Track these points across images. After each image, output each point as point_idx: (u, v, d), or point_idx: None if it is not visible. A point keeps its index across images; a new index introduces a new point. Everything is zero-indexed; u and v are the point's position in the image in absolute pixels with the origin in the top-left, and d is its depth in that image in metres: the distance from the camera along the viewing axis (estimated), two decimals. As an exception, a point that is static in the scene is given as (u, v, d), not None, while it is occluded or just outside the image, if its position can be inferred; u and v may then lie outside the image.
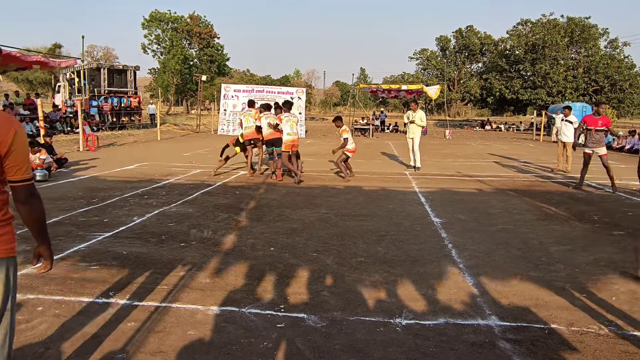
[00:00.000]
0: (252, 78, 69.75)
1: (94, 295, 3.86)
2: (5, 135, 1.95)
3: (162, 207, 7.15)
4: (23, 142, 2.02)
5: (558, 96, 38.83)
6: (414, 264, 4.80)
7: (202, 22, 54.18)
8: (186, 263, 4.69)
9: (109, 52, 66.67)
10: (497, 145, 22.58)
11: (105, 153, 14.89)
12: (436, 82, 43.92)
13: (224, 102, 25.02)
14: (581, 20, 40.06)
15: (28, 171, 2.07)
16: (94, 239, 5.46)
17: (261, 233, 5.82)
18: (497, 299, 3.92)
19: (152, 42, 52.81)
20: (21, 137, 2.02)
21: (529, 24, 42.86)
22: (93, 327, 3.31)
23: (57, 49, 53.04)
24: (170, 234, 5.72)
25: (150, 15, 51.70)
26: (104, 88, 25.55)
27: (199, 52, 54.07)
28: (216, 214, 6.80)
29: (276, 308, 3.67)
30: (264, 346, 3.10)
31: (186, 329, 3.32)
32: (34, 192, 2.11)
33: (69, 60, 18.90)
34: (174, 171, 10.90)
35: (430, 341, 3.19)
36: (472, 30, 50.02)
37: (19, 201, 2.09)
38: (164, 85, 51.43)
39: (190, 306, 3.70)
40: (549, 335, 3.30)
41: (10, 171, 2.01)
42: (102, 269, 4.48)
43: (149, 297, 3.84)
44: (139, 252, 4.99)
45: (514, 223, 6.57)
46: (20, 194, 2.07)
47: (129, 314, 3.53)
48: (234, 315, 3.55)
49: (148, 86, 68.51)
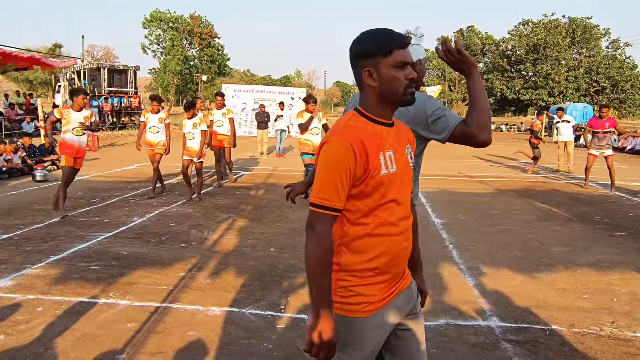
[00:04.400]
0: (253, 78, 69.75)
1: (93, 295, 3.85)
2: None
3: (162, 208, 7.14)
4: None
5: (559, 97, 38.80)
6: (414, 264, 4.79)
7: (203, 22, 54.18)
8: (186, 263, 4.68)
9: (109, 52, 66.71)
10: (498, 145, 22.56)
11: (106, 153, 14.89)
12: (437, 82, 43.90)
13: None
14: (583, 20, 40.00)
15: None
16: (94, 239, 5.46)
17: (262, 233, 5.82)
18: (498, 299, 3.91)
19: (152, 42, 52.81)
20: None
21: (530, 24, 42.82)
22: (93, 327, 3.30)
23: (57, 48, 53.08)
24: (170, 235, 5.71)
25: (151, 15, 51.70)
26: (104, 88, 25.53)
27: (199, 52, 54.05)
28: (216, 215, 6.79)
29: (277, 309, 3.66)
30: (264, 347, 3.09)
31: (186, 329, 3.31)
32: None
33: (69, 60, 18.90)
34: (174, 171, 10.89)
35: (430, 342, 3.18)
36: (473, 30, 49.94)
37: None
38: (164, 85, 51.42)
39: (190, 307, 3.69)
40: (550, 337, 3.29)
41: None
42: (102, 269, 4.47)
43: (149, 297, 3.84)
44: (139, 253, 4.98)
45: (515, 224, 6.56)
46: None
47: (129, 314, 3.53)
48: (234, 315, 3.54)
49: (148, 86, 68.47)
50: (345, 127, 1.54)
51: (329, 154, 1.49)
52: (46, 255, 4.84)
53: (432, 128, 1.97)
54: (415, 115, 1.97)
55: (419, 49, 2.08)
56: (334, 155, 1.48)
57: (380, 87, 1.55)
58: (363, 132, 1.53)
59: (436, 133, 1.97)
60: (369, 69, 1.54)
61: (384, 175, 1.52)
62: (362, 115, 1.58)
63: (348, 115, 1.60)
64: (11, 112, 19.29)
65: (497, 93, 43.64)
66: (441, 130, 1.95)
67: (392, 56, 1.52)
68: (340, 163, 1.47)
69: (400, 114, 1.98)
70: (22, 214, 6.64)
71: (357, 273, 1.55)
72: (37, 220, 6.25)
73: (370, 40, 1.55)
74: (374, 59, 1.53)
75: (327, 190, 1.48)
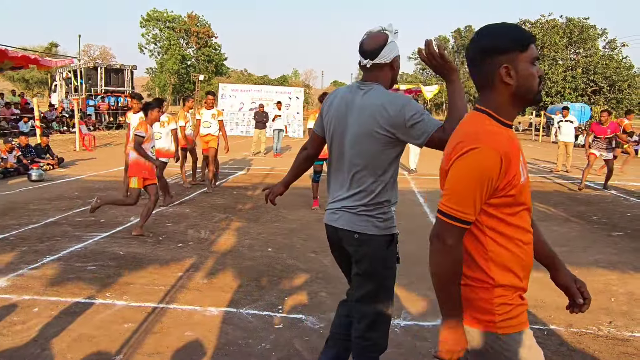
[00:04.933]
0: (250, 78, 69.62)
1: (90, 296, 3.83)
2: None
3: (159, 208, 7.11)
4: None
5: (557, 96, 38.89)
6: (413, 264, 4.78)
7: (200, 21, 54.10)
8: (184, 263, 4.66)
9: (106, 51, 66.56)
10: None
11: (102, 153, 14.84)
12: (435, 82, 43.90)
13: (222, 101, 24.97)
14: (580, 20, 40.11)
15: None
16: (90, 239, 5.43)
17: (259, 234, 5.80)
18: (496, 299, 3.91)
19: (149, 41, 52.70)
20: None
21: (527, 24, 42.89)
22: (89, 328, 3.28)
23: (54, 47, 52.93)
24: (167, 235, 5.69)
25: (148, 14, 51.60)
26: (101, 87, 25.46)
27: (196, 51, 53.97)
28: (213, 215, 6.77)
29: (274, 309, 3.65)
30: (261, 347, 3.08)
31: (184, 329, 3.30)
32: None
33: (65, 59, 18.82)
34: (171, 171, 10.86)
35: (429, 342, 3.17)
36: (471, 30, 50.04)
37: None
38: (162, 84, 51.33)
39: (187, 307, 3.68)
40: (548, 336, 3.28)
41: None
42: (99, 269, 4.45)
43: (146, 297, 3.82)
44: (136, 253, 4.96)
45: (513, 223, 6.56)
46: None
47: (125, 315, 3.51)
48: (232, 316, 3.53)
49: (145, 85, 68.26)
50: (488, 133, 1.40)
51: (475, 163, 1.36)
52: (42, 255, 4.81)
53: (410, 132, 1.97)
54: (394, 118, 1.97)
55: (394, 46, 2.09)
56: (480, 166, 1.35)
57: (517, 85, 1.44)
58: (504, 138, 1.41)
59: (414, 138, 1.98)
60: (507, 65, 1.43)
61: (523, 183, 1.43)
62: (492, 118, 1.46)
63: (479, 118, 1.47)
64: (6, 112, 19.21)
65: (494, 93, 43.66)
66: (419, 136, 1.96)
67: (529, 51, 1.43)
68: (484, 174, 1.36)
69: (381, 116, 1.98)
70: (18, 213, 6.61)
71: (509, 287, 1.46)
72: (32, 220, 6.21)
73: (504, 35, 1.45)
74: (510, 54, 1.43)
75: (463, 201, 1.37)
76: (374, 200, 2.07)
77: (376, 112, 2.00)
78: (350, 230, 2.11)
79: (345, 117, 2.10)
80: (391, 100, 1.99)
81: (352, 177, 2.10)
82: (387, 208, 2.11)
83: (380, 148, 2.02)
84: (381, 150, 2.02)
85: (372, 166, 2.05)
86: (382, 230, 2.10)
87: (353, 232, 2.10)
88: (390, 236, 2.13)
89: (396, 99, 2.01)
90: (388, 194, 2.10)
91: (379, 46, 2.04)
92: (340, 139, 2.13)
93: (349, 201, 2.12)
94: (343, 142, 2.12)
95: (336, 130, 2.15)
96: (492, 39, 1.45)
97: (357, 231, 2.09)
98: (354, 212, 2.10)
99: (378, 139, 2.00)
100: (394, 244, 2.16)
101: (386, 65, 2.08)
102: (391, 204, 2.13)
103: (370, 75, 2.11)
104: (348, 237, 2.13)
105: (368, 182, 2.07)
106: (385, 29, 2.08)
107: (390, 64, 2.09)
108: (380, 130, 1.99)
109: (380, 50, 2.04)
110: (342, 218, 2.14)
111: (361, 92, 2.09)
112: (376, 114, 1.99)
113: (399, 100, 2.00)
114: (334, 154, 2.20)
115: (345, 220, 2.13)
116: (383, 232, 2.10)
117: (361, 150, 2.05)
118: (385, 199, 2.09)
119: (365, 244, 2.10)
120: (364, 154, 2.04)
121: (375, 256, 2.11)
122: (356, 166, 2.08)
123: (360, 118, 2.04)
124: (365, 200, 2.08)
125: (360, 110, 2.05)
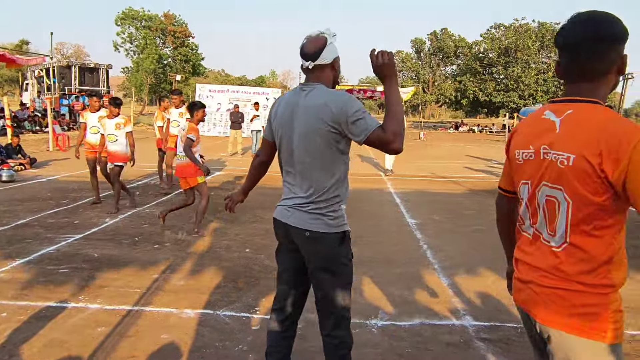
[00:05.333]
0: (228, 78, 69.21)
1: (62, 300, 3.74)
2: None
3: (135, 208, 7.00)
4: None
5: (529, 99, 39.79)
6: (389, 265, 4.82)
7: (177, 21, 53.49)
8: (160, 265, 4.60)
9: (80, 49, 65.25)
10: (471, 146, 22.95)
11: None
12: (411, 84, 44.44)
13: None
14: (552, 25, 41.13)
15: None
16: (63, 241, 5.31)
17: (236, 234, 5.76)
18: (472, 299, 3.97)
19: (125, 40, 51.86)
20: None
21: (502, 27, 43.77)
22: (61, 332, 3.21)
23: (24, 45, 51.61)
24: (143, 236, 5.60)
25: (123, 13, 50.76)
26: (75, 87, 24.94)
27: (173, 51, 53.35)
28: (190, 216, 6.69)
29: (251, 310, 3.63)
30: (239, 349, 3.06)
31: (159, 332, 3.25)
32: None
33: (37, 57, 18.38)
34: (148, 172, 10.71)
35: (405, 342, 3.20)
36: (447, 33, 50.71)
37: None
38: (138, 84, 50.57)
39: (163, 309, 3.63)
40: (521, 334, 3.34)
41: None
42: (72, 272, 4.35)
43: (120, 300, 3.75)
44: (111, 255, 4.87)
45: (488, 224, 6.67)
46: None
47: (99, 318, 3.44)
48: (209, 318, 3.50)
49: (121, 85, 67.12)
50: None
51: None
52: (12, 258, 4.68)
53: (351, 128, 2.03)
54: (336, 115, 2.03)
55: (334, 47, 2.17)
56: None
57: (618, 77, 1.39)
58: None
59: (354, 134, 2.03)
60: (626, 55, 1.37)
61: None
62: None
63: (611, 111, 1.37)
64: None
65: (469, 95, 44.43)
66: (359, 133, 2.02)
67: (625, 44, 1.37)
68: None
69: (324, 113, 2.04)
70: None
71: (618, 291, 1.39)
72: (2, 222, 6.04)
73: (622, 25, 1.37)
74: (624, 45, 1.37)
75: None
76: (324, 197, 2.12)
77: (320, 110, 2.06)
78: (301, 229, 2.16)
79: (291, 119, 2.17)
80: (333, 98, 2.06)
81: (302, 175, 2.16)
82: (338, 205, 2.16)
83: (327, 144, 2.07)
84: (328, 146, 2.08)
85: (320, 163, 2.10)
86: (334, 228, 2.14)
87: (304, 230, 2.15)
88: (342, 233, 2.17)
89: (338, 96, 2.07)
90: (338, 191, 2.15)
91: (319, 48, 2.13)
92: (289, 141, 2.19)
93: (300, 199, 2.18)
94: (291, 143, 2.18)
95: (284, 134, 2.21)
96: (619, 27, 1.37)
97: (308, 229, 2.14)
98: (305, 210, 2.15)
99: (323, 135, 2.06)
100: (346, 240, 2.20)
101: (327, 66, 2.17)
102: (342, 201, 2.18)
103: (313, 77, 2.19)
104: (299, 235, 2.18)
105: (318, 180, 2.12)
106: (324, 33, 2.17)
107: (331, 64, 2.17)
108: (325, 127, 2.04)
109: (321, 52, 2.13)
110: (293, 216, 2.19)
111: (304, 93, 2.16)
112: (320, 111, 2.06)
113: (341, 97, 2.07)
114: (284, 156, 2.26)
115: (296, 218, 2.18)
116: (334, 229, 2.14)
117: (309, 148, 2.10)
118: (336, 195, 2.14)
119: (317, 242, 2.14)
120: (312, 151, 2.10)
121: (328, 254, 2.16)
122: (305, 164, 2.13)
123: (306, 117, 2.11)
124: (316, 197, 2.12)
125: (304, 110, 2.12)
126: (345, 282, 2.23)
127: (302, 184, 2.17)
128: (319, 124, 2.06)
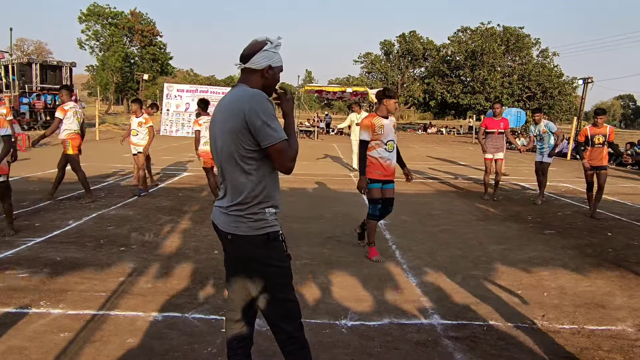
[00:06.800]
0: (196, 78, 68.34)
1: (22, 305, 3.61)
2: None
3: (100, 210, 6.83)
4: None
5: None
6: (359, 265, 4.85)
7: (144, 19, 52.44)
8: (126, 268, 4.49)
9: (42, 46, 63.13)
10: (439, 148, 23.35)
11: (37, 153, 14.03)
12: (380, 85, 44.80)
13: (167, 102, 24.32)
14: (516, 29, 42.25)
15: None
16: (23, 244, 5.12)
17: (204, 236, 5.69)
18: (440, 298, 4.04)
19: (90, 37, 50.48)
20: None
21: (468, 31, 44.69)
22: (21, 339, 3.09)
23: (-17, 41, 49.55)
24: (109, 238, 5.46)
25: (88, 9, 49.38)
26: (36, 85, 24.13)
27: (140, 50, 52.26)
28: (158, 217, 6.58)
29: (220, 312, 3.59)
30: (208, 352, 3.02)
31: (125, 337, 3.17)
32: None
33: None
34: (113, 172, 10.45)
35: (375, 341, 3.23)
36: (415, 35, 51.39)
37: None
38: (103, 83, 49.33)
39: (130, 313, 3.54)
40: (487, 332, 3.42)
41: None
42: (32, 276, 4.20)
43: (84, 305, 3.64)
44: (74, 258, 4.73)
45: (455, 224, 6.80)
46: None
47: (62, 324, 3.33)
48: (177, 321, 3.44)
49: (86, 84, 65.31)
50: None
51: None
52: (-31, 262, 4.49)
53: (258, 132, 2.03)
54: (248, 115, 2.02)
55: (271, 55, 2.18)
56: None
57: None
58: None
59: (260, 139, 2.05)
60: None
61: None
62: None
63: None
64: None
65: (437, 97, 45.17)
66: (263, 138, 2.04)
67: None
68: None
69: (240, 110, 2.04)
70: (-59, 218, 6.12)
71: None
72: (-42, 225, 5.78)
73: None
74: None
75: None
76: (244, 199, 2.10)
77: (236, 108, 2.06)
78: (224, 232, 2.16)
79: (215, 119, 2.19)
80: (249, 99, 2.05)
81: (224, 175, 2.18)
82: (259, 207, 2.11)
83: (243, 142, 2.06)
84: (244, 144, 2.06)
85: (239, 163, 2.09)
86: (254, 230, 2.10)
87: (227, 233, 2.15)
88: (266, 235, 2.12)
89: (255, 96, 2.06)
90: (260, 192, 2.11)
91: (252, 52, 2.16)
92: (214, 141, 2.20)
93: (223, 201, 2.18)
94: (216, 141, 2.19)
95: (212, 134, 2.22)
96: None
97: (229, 232, 2.14)
98: (225, 213, 2.16)
99: (238, 133, 2.05)
100: (274, 241, 2.14)
101: (257, 71, 2.18)
102: (264, 202, 2.13)
103: (242, 78, 2.22)
104: (224, 238, 2.19)
105: (237, 180, 2.11)
106: (269, 39, 2.18)
107: (261, 71, 2.17)
108: (238, 125, 2.04)
109: (252, 56, 2.16)
110: (218, 218, 2.21)
111: (229, 93, 2.20)
112: (236, 109, 2.05)
113: (256, 97, 2.06)
114: (214, 155, 2.26)
115: (220, 220, 2.19)
116: (255, 232, 2.10)
117: (228, 147, 2.10)
118: (255, 196, 2.11)
119: (237, 244, 2.14)
120: (231, 150, 2.09)
121: (251, 257, 2.14)
122: (225, 163, 2.13)
123: (223, 117, 2.12)
124: (236, 198, 2.12)
125: (224, 109, 2.13)
126: (279, 283, 2.16)
127: (225, 185, 2.18)
128: (232, 122, 2.05)
